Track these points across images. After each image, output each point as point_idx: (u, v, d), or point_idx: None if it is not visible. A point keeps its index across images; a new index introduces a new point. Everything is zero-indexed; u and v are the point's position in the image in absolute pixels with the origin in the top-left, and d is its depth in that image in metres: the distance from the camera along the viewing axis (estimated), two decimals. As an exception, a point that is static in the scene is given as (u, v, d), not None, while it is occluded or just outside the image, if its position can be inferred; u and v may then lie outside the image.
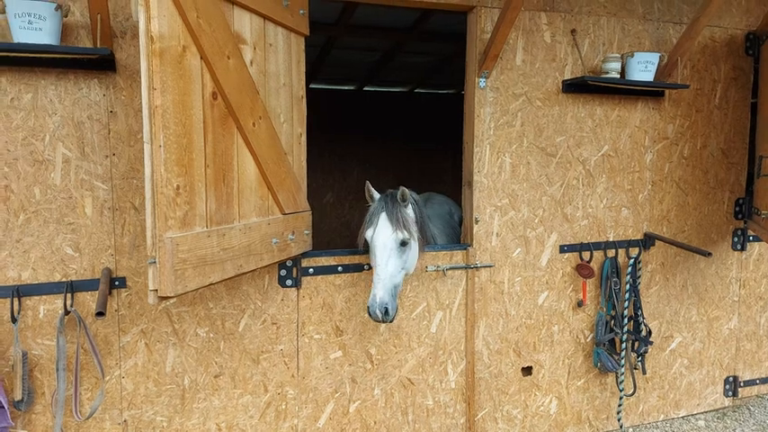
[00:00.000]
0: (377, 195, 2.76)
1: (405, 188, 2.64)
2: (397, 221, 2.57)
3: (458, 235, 3.72)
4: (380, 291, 2.49)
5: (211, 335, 2.70)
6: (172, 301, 2.61)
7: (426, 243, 2.85)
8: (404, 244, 2.59)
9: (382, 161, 7.16)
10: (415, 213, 2.73)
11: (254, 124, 2.28)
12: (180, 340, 2.65)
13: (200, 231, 2.02)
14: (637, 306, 3.38)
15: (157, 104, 1.83)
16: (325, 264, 2.87)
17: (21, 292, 2.39)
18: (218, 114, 2.11)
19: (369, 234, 2.64)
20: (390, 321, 2.54)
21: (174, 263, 1.88)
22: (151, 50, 1.82)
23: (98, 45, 2.30)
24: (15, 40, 2.19)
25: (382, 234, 2.59)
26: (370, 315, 2.52)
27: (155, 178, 1.85)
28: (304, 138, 2.74)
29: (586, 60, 3.21)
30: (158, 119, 1.83)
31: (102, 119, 2.45)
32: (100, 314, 2.14)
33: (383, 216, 2.61)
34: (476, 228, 3.11)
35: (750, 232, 3.72)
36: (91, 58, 2.32)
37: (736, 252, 3.73)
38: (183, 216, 1.94)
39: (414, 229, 2.65)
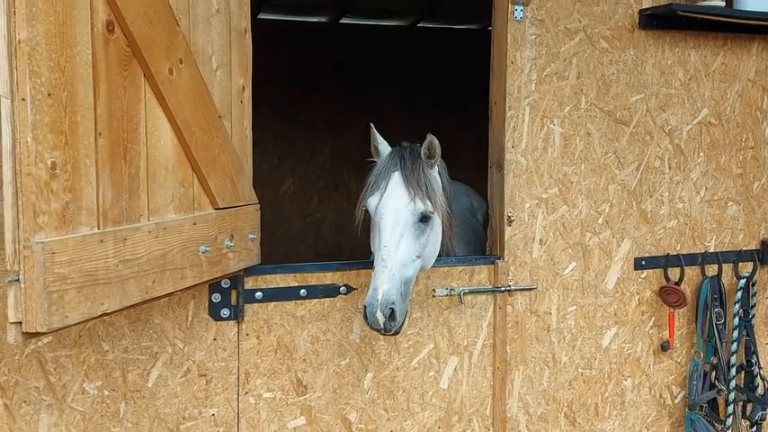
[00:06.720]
0: (386, 148, 2.81)
1: (435, 138, 2.70)
2: (417, 186, 2.62)
3: (483, 243, 3.71)
4: (385, 283, 2.49)
5: (106, 392, 2.69)
6: (46, 340, 2.60)
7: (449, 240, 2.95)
8: (424, 220, 2.64)
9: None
10: (442, 178, 2.83)
11: (171, 71, 2.29)
12: (58, 400, 2.64)
13: (89, 233, 2.02)
14: (750, 350, 3.40)
15: (22, 39, 1.82)
16: (282, 285, 2.88)
17: None
18: (116, 55, 2.11)
19: (372, 202, 2.66)
20: (395, 333, 2.54)
21: (47, 281, 1.88)
22: (12, -45, 1.81)
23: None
24: None
25: (394, 202, 2.62)
26: (366, 321, 2.50)
27: (18, 151, 1.84)
28: (248, 93, 2.75)
29: (676, -20, 3.24)
30: (23, 60, 1.82)
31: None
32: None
33: (396, 177, 2.65)
34: (508, 231, 3.12)
35: None
36: None
37: None
38: (62, 210, 1.94)
39: (441, 200, 2.71)
